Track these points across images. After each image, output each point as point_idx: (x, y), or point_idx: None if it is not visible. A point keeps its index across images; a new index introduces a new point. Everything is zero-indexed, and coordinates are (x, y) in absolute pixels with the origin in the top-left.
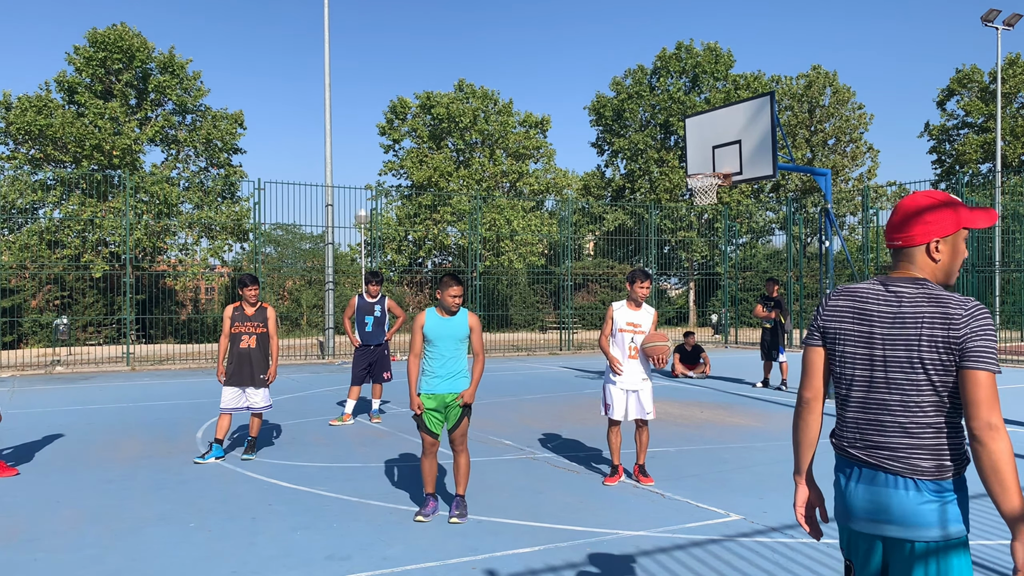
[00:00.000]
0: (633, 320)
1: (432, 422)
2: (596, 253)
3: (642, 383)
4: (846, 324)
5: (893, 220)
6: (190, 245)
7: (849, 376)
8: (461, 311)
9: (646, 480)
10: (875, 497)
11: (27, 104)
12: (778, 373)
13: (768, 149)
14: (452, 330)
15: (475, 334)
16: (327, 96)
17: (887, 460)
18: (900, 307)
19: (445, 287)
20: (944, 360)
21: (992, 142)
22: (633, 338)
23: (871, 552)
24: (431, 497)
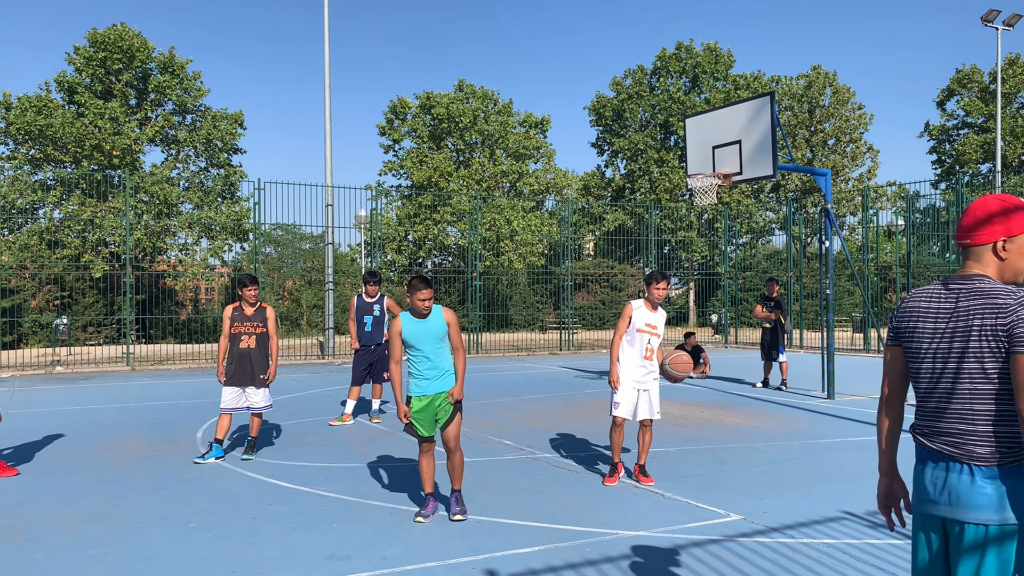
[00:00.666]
0: (651, 322)
1: (423, 426)
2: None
3: (652, 383)
4: (913, 323)
5: (964, 223)
6: (190, 245)
7: (917, 370)
8: (435, 309)
9: (646, 480)
10: (937, 481)
11: (27, 104)
12: (778, 373)
13: (768, 149)
14: (429, 330)
15: (452, 329)
16: (327, 96)
17: (948, 447)
18: (957, 302)
19: (414, 291)
20: (995, 348)
21: (992, 142)
22: (650, 340)
23: (935, 534)
24: (430, 497)
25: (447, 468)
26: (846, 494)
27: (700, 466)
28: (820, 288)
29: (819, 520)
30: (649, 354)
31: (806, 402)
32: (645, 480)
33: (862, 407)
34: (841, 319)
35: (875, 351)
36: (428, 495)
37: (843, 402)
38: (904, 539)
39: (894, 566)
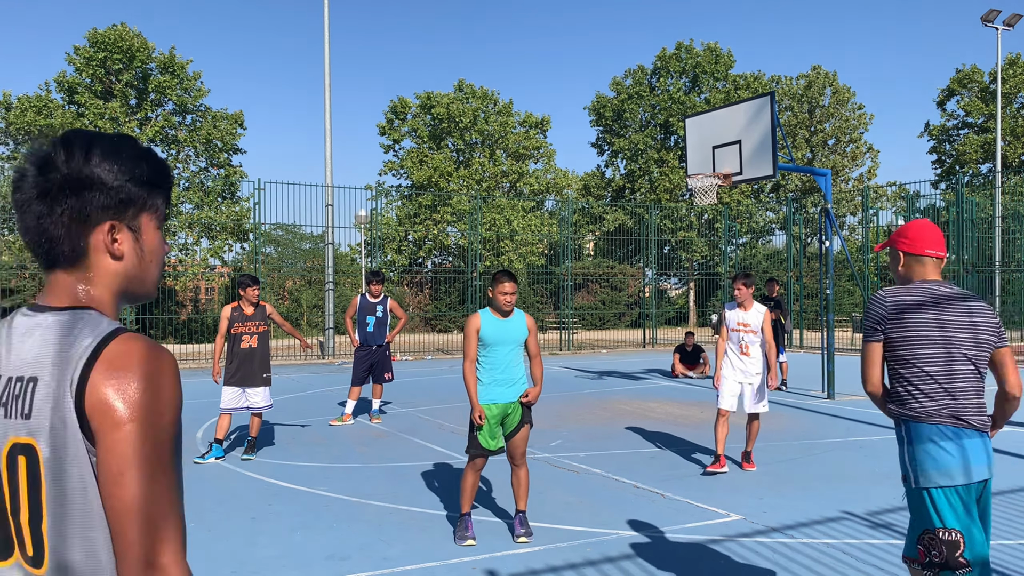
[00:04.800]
0: (743, 320)
1: (487, 439)
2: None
3: (755, 376)
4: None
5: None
6: (190, 245)
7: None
8: (516, 312)
9: (748, 466)
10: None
11: (27, 104)
12: (778, 373)
13: (768, 149)
14: (510, 333)
15: (532, 336)
16: (327, 96)
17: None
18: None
19: (497, 283)
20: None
21: (992, 142)
22: (743, 337)
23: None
24: (468, 518)
25: (512, 484)
26: (846, 494)
27: (700, 466)
28: (820, 288)
29: (819, 520)
30: (746, 350)
31: (806, 402)
32: (747, 466)
33: (862, 407)
34: (841, 319)
35: None
36: (465, 515)
37: (843, 402)
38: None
39: (894, 566)
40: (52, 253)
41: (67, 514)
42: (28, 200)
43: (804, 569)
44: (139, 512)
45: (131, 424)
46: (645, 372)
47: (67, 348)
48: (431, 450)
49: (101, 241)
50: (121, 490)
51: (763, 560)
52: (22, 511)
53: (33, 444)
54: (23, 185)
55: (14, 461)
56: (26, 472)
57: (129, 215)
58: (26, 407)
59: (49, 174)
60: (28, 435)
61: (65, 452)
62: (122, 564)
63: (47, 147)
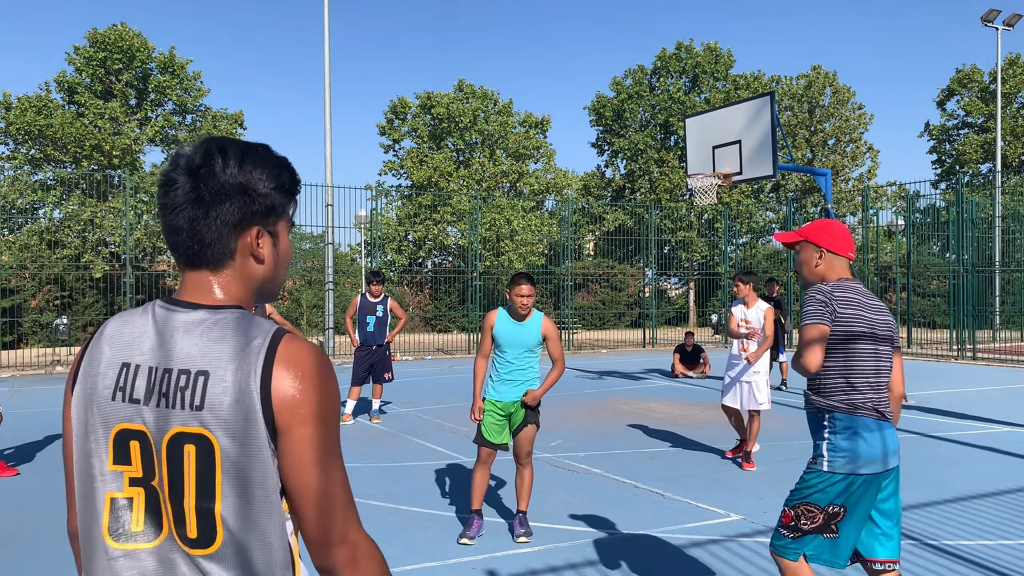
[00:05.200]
0: (745, 317)
1: (490, 431)
2: (596, 253)
3: (754, 375)
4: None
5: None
6: None
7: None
8: (535, 316)
9: (748, 466)
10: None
11: (27, 104)
12: (778, 373)
13: (768, 149)
14: (521, 337)
15: (552, 343)
16: (327, 96)
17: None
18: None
19: (514, 285)
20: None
21: (992, 142)
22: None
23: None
24: (476, 515)
25: (515, 484)
26: None
27: (700, 466)
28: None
29: None
30: (746, 347)
31: None
32: (747, 466)
33: None
34: None
35: None
36: (475, 512)
37: None
38: (905, 539)
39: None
40: (202, 254)
41: (247, 501)
42: (182, 204)
43: None
44: (331, 496)
45: (318, 418)
46: (645, 372)
47: (242, 346)
48: (431, 450)
49: (248, 245)
50: (313, 478)
51: (763, 560)
52: (187, 496)
53: (206, 434)
54: (176, 189)
55: (178, 449)
56: (195, 460)
57: (271, 221)
58: (197, 399)
59: (207, 180)
60: (200, 426)
61: (247, 444)
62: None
63: (200, 154)
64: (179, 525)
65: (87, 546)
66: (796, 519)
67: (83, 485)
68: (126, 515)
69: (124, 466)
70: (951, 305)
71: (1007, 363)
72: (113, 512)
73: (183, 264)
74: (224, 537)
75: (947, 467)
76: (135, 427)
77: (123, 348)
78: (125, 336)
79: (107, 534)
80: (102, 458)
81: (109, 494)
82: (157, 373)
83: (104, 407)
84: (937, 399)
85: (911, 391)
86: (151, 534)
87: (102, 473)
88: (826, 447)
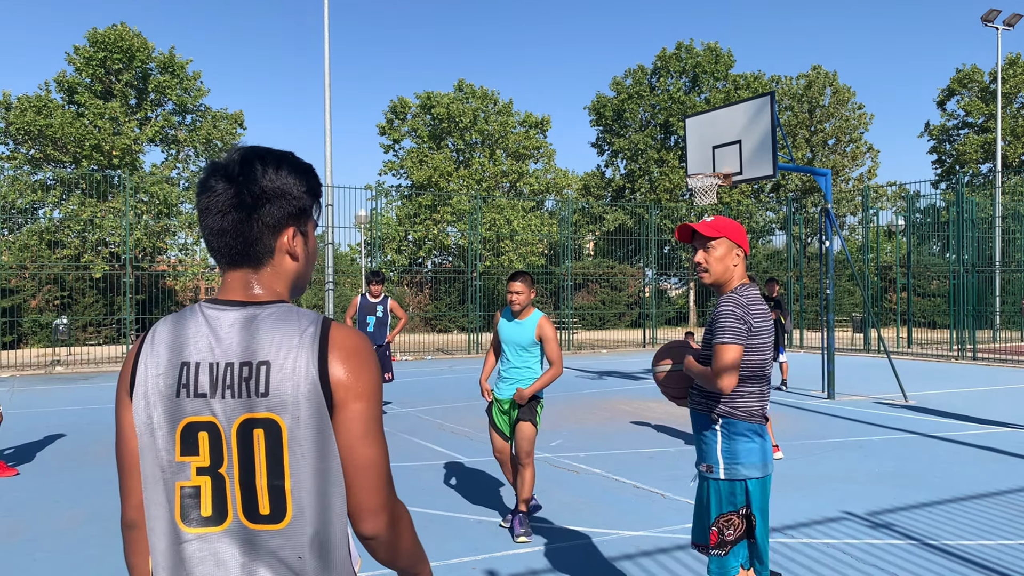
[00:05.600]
0: None
1: (498, 416)
2: (596, 253)
3: None
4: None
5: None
6: (190, 245)
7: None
8: (533, 315)
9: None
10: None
11: (27, 104)
12: (778, 373)
13: (768, 149)
14: (516, 335)
15: (547, 344)
16: (327, 96)
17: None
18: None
19: (508, 283)
20: None
21: (992, 142)
22: None
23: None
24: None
25: (515, 484)
26: (846, 494)
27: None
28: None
29: (819, 520)
30: None
31: (806, 402)
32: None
33: (862, 407)
34: (841, 319)
35: (875, 351)
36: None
37: (843, 402)
38: (906, 539)
39: (894, 566)
40: (245, 254)
41: (312, 473)
42: (225, 208)
43: (804, 569)
44: (378, 466)
45: (368, 396)
46: (645, 372)
47: (295, 336)
48: (431, 450)
49: (285, 244)
50: (366, 449)
51: None
52: (259, 476)
53: (274, 418)
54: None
55: (248, 434)
56: (265, 443)
57: (303, 221)
58: (262, 387)
59: (249, 186)
60: (267, 411)
61: (310, 422)
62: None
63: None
64: (251, 504)
65: (156, 533)
66: (720, 534)
67: (151, 478)
68: (195, 502)
69: (191, 457)
70: (951, 305)
71: (1007, 363)
72: (183, 500)
73: (225, 264)
74: (294, 511)
75: (947, 467)
76: (203, 419)
77: (179, 349)
78: (179, 338)
79: (179, 520)
80: (170, 451)
81: (179, 484)
82: (219, 368)
83: (168, 405)
84: (937, 399)
85: (911, 391)
86: (219, 519)
87: (170, 464)
88: (725, 453)
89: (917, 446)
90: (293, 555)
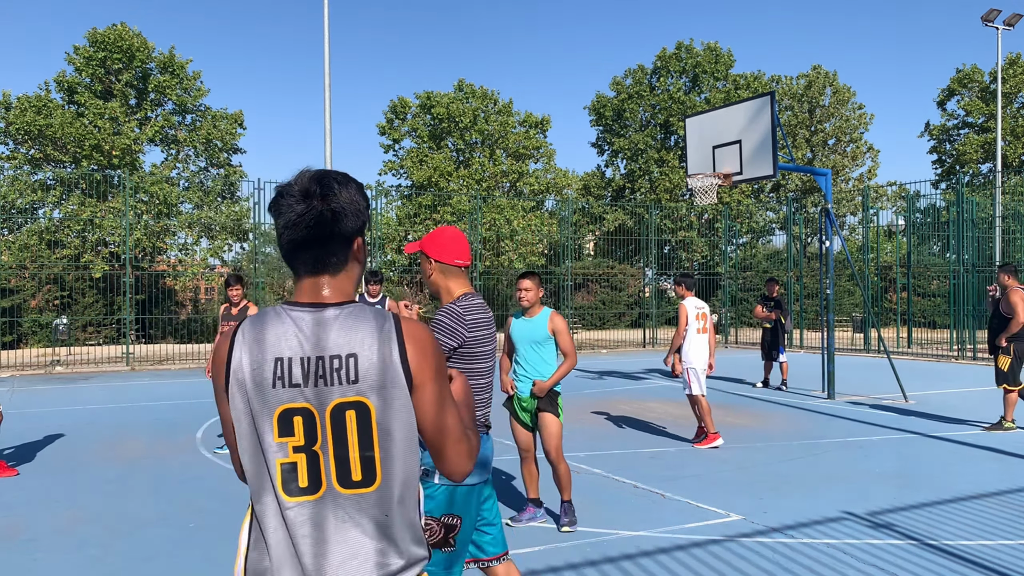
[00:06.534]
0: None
1: (519, 405)
2: (596, 253)
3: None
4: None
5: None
6: (190, 245)
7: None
8: (543, 312)
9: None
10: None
11: (27, 104)
12: (778, 373)
13: (768, 149)
14: (528, 332)
15: (560, 336)
16: (327, 96)
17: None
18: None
19: (518, 281)
20: None
21: (992, 142)
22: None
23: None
24: (531, 503)
25: (553, 480)
26: (846, 494)
27: (700, 466)
28: (820, 288)
29: (819, 520)
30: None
31: (806, 402)
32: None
33: (862, 407)
34: (841, 319)
35: (875, 351)
36: (531, 500)
37: (843, 402)
38: (905, 539)
39: (894, 566)
40: (326, 263)
41: (396, 444)
42: (309, 224)
43: (804, 569)
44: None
45: (439, 376)
46: (645, 372)
47: (376, 330)
48: None
49: (355, 252)
50: (445, 418)
51: (763, 560)
52: (351, 449)
53: (363, 400)
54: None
55: (341, 416)
56: (356, 422)
57: (364, 232)
58: (352, 375)
59: (329, 204)
60: (357, 395)
61: (394, 401)
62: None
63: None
64: (344, 474)
65: (261, 501)
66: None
67: (254, 456)
68: (293, 476)
69: (288, 438)
70: (951, 305)
71: None
72: (283, 475)
73: (304, 272)
74: (383, 476)
75: (947, 467)
76: (298, 405)
77: (271, 347)
78: (269, 337)
79: (281, 491)
80: (269, 433)
81: (279, 461)
82: (310, 361)
83: (266, 394)
84: (937, 399)
85: (911, 391)
86: (314, 488)
87: (270, 445)
88: None
89: (917, 446)
90: (381, 513)
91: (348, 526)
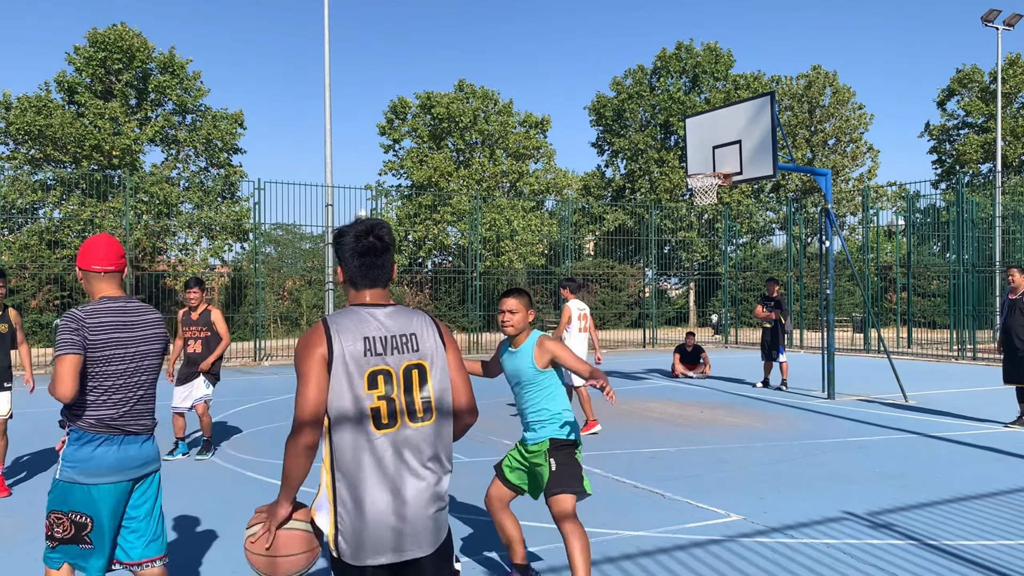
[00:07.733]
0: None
1: (510, 460)
2: (596, 253)
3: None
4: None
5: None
6: (190, 245)
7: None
8: (531, 338)
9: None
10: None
11: (27, 104)
12: (778, 373)
13: (768, 149)
14: (517, 367)
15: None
16: (327, 96)
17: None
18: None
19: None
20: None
21: (992, 142)
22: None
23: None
24: (516, 570)
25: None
26: (846, 494)
27: (700, 466)
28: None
29: (819, 520)
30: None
31: (806, 402)
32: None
33: (862, 407)
34: (841, 319)
35: (875, 351)
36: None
37: (843, 402)
38: (905, 539)
39: (894, 566)
40: (385, 279)
41: (444, 389)
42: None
43: (804, 569)
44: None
45: (455, 344)
46: (645, 372)
47: (425, 320)
48: None
49: (394, 272)
50: (463, 373)
51: (763, 560)
52: (416, 394)
53: (422, 363)
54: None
55: (409, 373)
56: (417, 376)
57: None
58: (415, 345)
59: (388, 239)
60: (419, 358)
61: (438, 363)
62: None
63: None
64: (412, 411)
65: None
66: (50, 528)
67: (353, 404)
68: (379, 415)
69: (373, 390)
70: (951, 305)
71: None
72: (373, 414)
73: (369, 284)
74: (437, 412)
75: (947, 467)
76: (381, 368)
77: (359, 331)
78: (355, 325)
79: (373, 426)
80: (361, 387)
81: (370, 405)
82: (388, 339)
83: (359, 361)
84: (937, 399)
85: (911, 391)
86: (392, 423)
87: (362, 396)
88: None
89: (917, 446)
90: (436, 438)
91: (422, 447)
